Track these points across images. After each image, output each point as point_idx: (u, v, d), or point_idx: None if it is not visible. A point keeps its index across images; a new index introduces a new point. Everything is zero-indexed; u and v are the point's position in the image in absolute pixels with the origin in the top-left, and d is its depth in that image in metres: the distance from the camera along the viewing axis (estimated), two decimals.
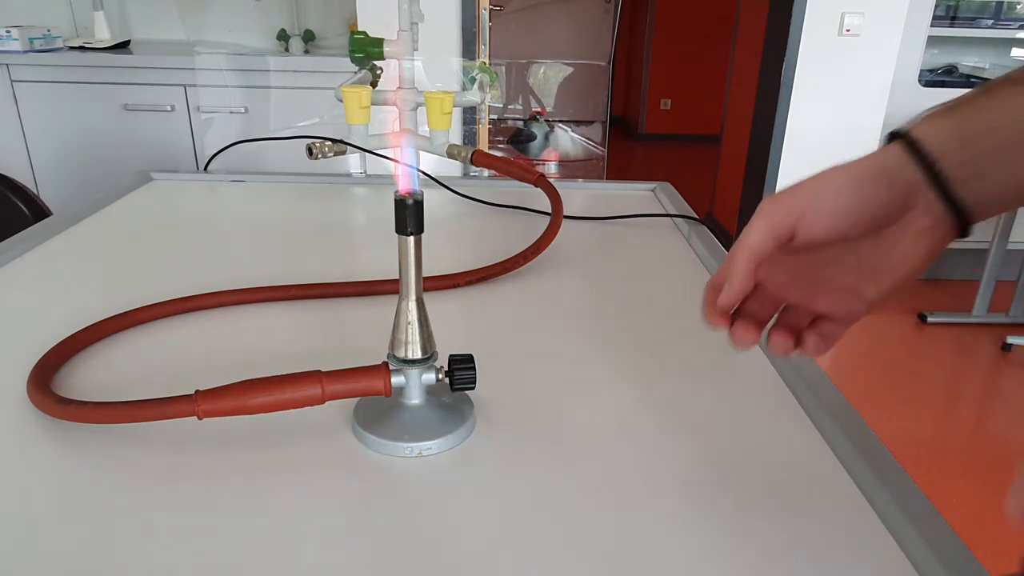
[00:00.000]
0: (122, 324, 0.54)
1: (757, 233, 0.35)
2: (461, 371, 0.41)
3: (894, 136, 0.35)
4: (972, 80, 3.01)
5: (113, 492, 0.37)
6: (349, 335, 0.55)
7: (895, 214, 0.34)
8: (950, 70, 3.05)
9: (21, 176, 2.04)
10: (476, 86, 0.94)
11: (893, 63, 2.50)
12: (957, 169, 0.33)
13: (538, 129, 4.25)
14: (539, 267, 0.68)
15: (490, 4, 2.45)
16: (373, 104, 0.86)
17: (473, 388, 0.41)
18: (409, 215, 0.37)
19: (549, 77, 4.36)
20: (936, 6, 2.71)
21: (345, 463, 0.40)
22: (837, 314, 0.37)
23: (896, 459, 0.39)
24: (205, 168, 0.97)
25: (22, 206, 1.35)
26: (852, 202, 0.34)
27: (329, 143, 0.85)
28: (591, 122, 4.60)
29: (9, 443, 0.41)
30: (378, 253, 0.75)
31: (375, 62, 0.93)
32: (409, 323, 0.40)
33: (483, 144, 2.51)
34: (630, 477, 0.40)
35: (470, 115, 2.44)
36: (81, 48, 2.53)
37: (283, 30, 2.72)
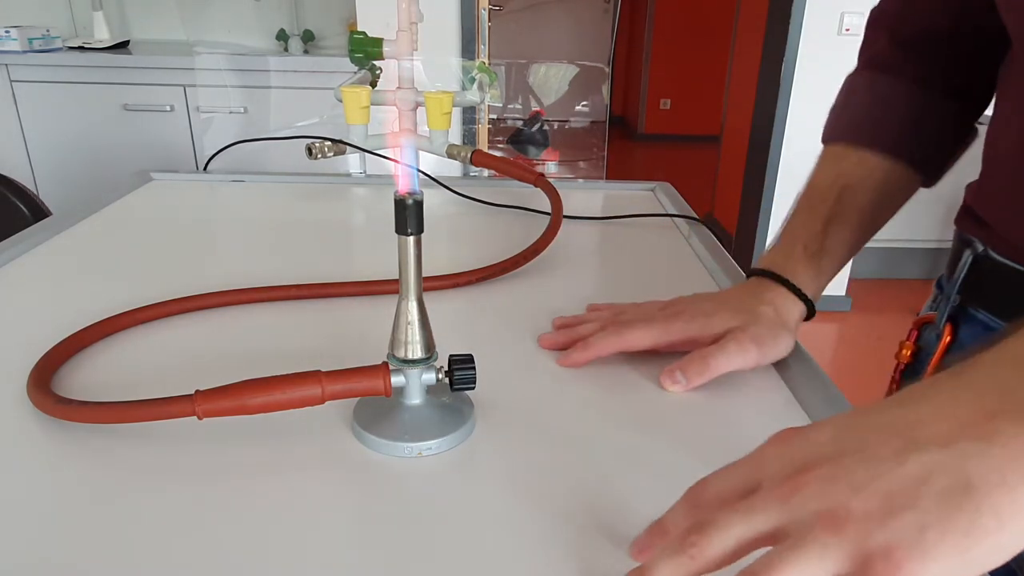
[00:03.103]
0: (122, 324, 0.54)
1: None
2: (461, 371, 0.41)
3: (771, 277, 0.53)
4: None
5: (113, 492, 0.37)
6: (349, 335, 0.55)
7: None
8: None
9: (21, 176, 2.04)
10: (476, 86, 0.94)
11: None
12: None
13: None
14: (539, 267, 0.68)
15: (490, 4, 2.46)
16: (373, 104, 0.86)
17: (473, 388, 0.41)
18: (409, 215, 0.37)
19: (549, 77, 4.36)
20: None
21: (345, 463, 0.40)
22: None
23: None
24: (205, 168, 0.97)
25: (22, 206, 1.35)
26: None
27: (329, 143, 0.85)
28: (591, 122, 4.60)
29: (9, 443, 0.41)
30: (378, 253, 0.75)
31: (375, 62, 0.93)
32: (409, 323, 0.40)
33: (483, 144, 2.51)
34: (630, 477, 0.40)
35: (470, 115, 2.44)
36: (80, 48, 2.53)
37: (282, 30, 2.72)
